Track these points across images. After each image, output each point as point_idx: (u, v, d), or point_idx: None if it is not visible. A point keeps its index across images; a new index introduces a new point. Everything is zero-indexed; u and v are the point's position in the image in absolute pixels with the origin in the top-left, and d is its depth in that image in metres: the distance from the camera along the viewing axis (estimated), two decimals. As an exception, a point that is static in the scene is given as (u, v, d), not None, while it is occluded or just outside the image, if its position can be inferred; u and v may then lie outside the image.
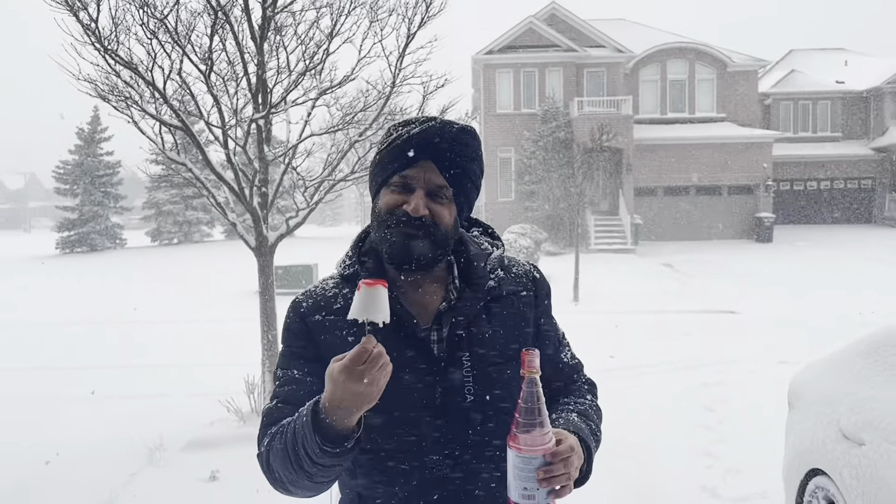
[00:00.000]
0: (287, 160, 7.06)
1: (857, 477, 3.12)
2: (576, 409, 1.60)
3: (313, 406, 1.28)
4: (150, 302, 17.11)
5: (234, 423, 6.56)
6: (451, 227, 1.50)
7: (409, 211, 1.44)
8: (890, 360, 3.28)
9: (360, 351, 1.20)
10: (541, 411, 1.32)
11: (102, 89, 6.28)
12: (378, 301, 1.26)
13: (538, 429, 1.31)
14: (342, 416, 1.25)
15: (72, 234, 34.42)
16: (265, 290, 6.89)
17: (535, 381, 1.33)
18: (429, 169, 1.46)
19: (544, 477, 1.30)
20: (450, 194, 1.48)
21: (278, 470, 1.38)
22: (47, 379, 9.31)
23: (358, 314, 1.26)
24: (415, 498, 1.48)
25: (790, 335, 10.79)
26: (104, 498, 5.04)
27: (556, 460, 1.30)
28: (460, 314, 1.51)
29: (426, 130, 1.46)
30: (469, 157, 1.50)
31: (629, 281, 18.45)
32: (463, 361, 1.49)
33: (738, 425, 6.44)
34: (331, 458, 1.28)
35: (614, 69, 30.43)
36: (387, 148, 1.49)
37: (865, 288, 16.15)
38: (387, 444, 1.46)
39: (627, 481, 5.04)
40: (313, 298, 1.56)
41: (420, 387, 1.46)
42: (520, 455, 1.31)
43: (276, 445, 1.37)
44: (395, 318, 1.43)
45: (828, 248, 25.03)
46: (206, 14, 6.41)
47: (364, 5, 6.69)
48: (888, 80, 33.82)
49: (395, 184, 1.48)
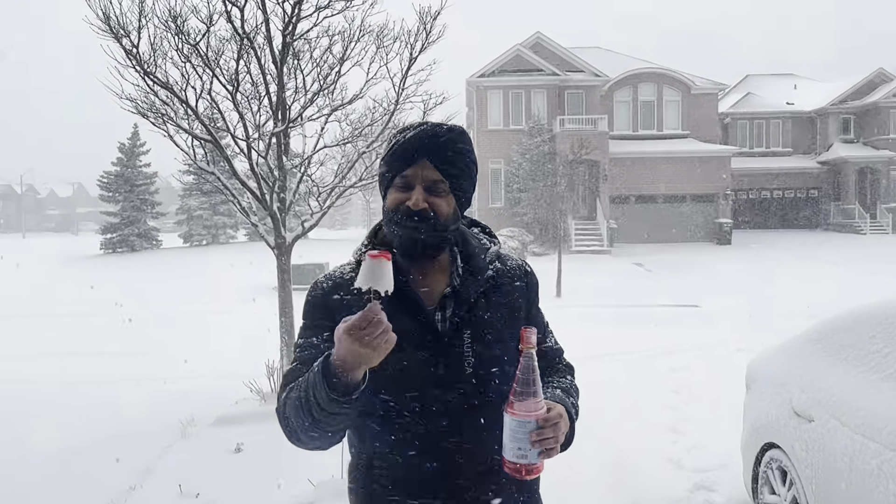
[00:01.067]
0: (303, 169, 7.05)
1: (806, 449, 3.11)
2: (559, 386, 1.63)
3: (324, 359, 1.30)
4: (182, 295, 17.09)
5: (257, 402, 6.54)
6: (450, 216, 1.51)
7: (411, 205, 1.45)
8: (836, 346, 3.27)
9: (363, 315, 1.21)
10: (535, 382, 1.35)
11: (142, 107, 6.28)
12: (382, 272, 1.25)
13: (532, 397, 1.34)
14: (347, 371, 1.26)
15: (114, 237, 34.50)
16: (283, 285, 6.87)
17: (531, 356, 1.35)
18: (425, 167, 1.47)
19: (536, 439, 1.34)
20: (446, 187, 1.49)
21: (292, 418, 1.39)
22: (93, 364, 9.29)
23: (363, 283, 1.25)
24: (419, 458, 1.48)
25: (747, 326, 10.78)
26: (143, 466, 5.03)
27: (547, 425, 1.35)
28: (462, 298, 1.53)
29: (419, 134, 1.48)
30: (459, 153, 1.51)
31: (605, 278, 18.45)
32: (464, 338, 1.50)
33: (701, 405, 6.42)
34: (337, 406, 1.29)
35: (592, 91, 30.48)
36: (388, 153, 1.52)
37: (812, 284, 16.18)
38: (395, 409, 1.47)
39: (602, 456, 5.03)
40: (332, 280, 1.57)
41: (425, 359, 1.47)
42: (515, 419, 1.34)
43: (292, 395, 1.40)
44: (405, 299, 1.47)
45: (779, 250, 25.07)
46: (233, 41, 6.41)
47: (371, 33, 6.68)
48: (832, 102, 33.99)
49: (398, 184, 1.49)
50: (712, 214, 29.54)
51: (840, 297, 9.61)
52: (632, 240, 28.92)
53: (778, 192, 34.45)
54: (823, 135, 34.41)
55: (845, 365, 3.14)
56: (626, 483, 4.59)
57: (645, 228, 29.62)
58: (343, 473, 4.20)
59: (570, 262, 19.57)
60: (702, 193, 29.54)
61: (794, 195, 34.52)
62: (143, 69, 5.91)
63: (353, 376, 1.28)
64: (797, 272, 18.78)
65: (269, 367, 6.79)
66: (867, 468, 2.67)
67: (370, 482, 1.54)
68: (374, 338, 1.22)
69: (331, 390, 1.27)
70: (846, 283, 15.96)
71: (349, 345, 1.22)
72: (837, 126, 34.26)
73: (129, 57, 5.83)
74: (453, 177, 1.50)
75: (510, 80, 29.54)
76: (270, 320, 7.97)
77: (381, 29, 6.67)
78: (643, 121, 31.63)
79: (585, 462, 4.60)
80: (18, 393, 7.62)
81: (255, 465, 4.96)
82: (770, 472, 3.57)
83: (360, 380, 1.29)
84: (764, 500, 3.64)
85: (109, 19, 5.67)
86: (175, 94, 6.16)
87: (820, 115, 34.50)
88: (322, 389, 1.28)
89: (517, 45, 29.94)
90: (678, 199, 29.85)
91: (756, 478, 3.74)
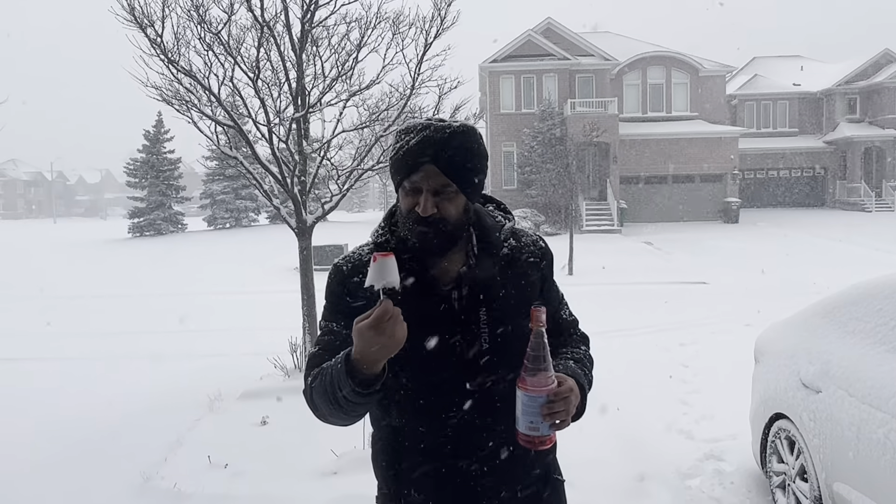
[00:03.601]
0: (322, 153, 7.05)
1: (814, 420, 3.10)
2: (572, 357, 1.63)
3: (346, 357, 1.33)
4: (207, 276, 17.21)
5: (281, 377, 6.60)
6: (460, 217, 1.47)
7: (419, 212, 1.43)
8: (843, 319, 3.25)
9: (382, 312, 1.25)
10: (546, 358, 1.35)
11: (167, 94, 6.29)
12: (388, 269, 1.28)
13: (543, 373, 1.35)
14: (369, 364, 1.30)
15: (141, 221, 34.76)
16: (304, 265, 6.89)
17: (541, 333, 1.36)
18: (430, 172, 1.43)
19: (547, 412, 1.35)
20: (454, 189, 1.45)
21: (320, 405, 1.44)
22: (125, 342, 9.41)
23: (373, 281, 1.28)
24: (438, 430, 1.51)
25: (754, 302, 10.71)
26: (174, 438, 5.10)
27: (557, 399, 1.36)
28: (478, 276, 1.52)
29: (424, 139, 1.43)
30: (466, 152, 1.45)
31: (616, 257, 18.36)
32: (480, 315, 1.50)
33: (710, 378, 6.41)
34: (362, 398, 1.34)
35: (602, 75, 30.17)
36: (394, 155, 1.48)
37: (819, 261, 16.04)
38: (416, 384, 1.49)
39: (614, 426, 5.04)
40: (352, 262, 1.57)
41: (442, 337, 1.47)
42: (527, 394, 1.35)
43: (318, 385, 1.43)
44: (422, 280, 1.49)
45: (786, 227, 24.84)
46: (253, 29, 6.40)
47: (388, 20, 6.64)
48: (838, 83, 33.47)
49: (407, 188, 1.47)
50: (720, 194, 29.27)
51: (846, 273, 9.52)
52: (641, 219, 28.74)
53: (785, 171, 34.07)
54: (830, 115, 33.92)
55: (852, 338, 3.12)
56: (637, 453, 4.59)
57: (654, 208, 29.43)
58: (365, 445, 4.23)
59: (582, 242, 19.49)
60: (710, 173, 29.27)
61: (801, 174, 34.14)
62: (168, 58, 5.92)
63: (374, 369, 1.31)
64: (804, 249, 18.62)
65: (292, 344, 6.84)
66: (874, 437, 2.66)
67: (392, 452, 1.57)
68: (393, 329, 1.26)
69: (355, 384, 1.32)
70: (852, 260, 15.82)
71: (369, 339, 1.26)
72: (843, 106, 33.76)
73: (153, 46, 5.84)
74: (461, 177, 1.45)
75: (522, 64, 29.28)
76: (293, 299, 8.01)
77: (397, 16, 6.63)
78: (652, 103, 31.31)
79: (596, 433, 4.61)
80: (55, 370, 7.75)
81: (280, 436, 5.02)
82: (778, 442, 3.56)
83: (380, 371, 1.33)
84: (772, 469, 3.65)
85: (134, 10, 5.68)
86: (198, 82, 6.17)
87: (826, 96, 34.00)
88: (346, 385, 1.32)
89: (528, 31, 29.66)
90: (687, 180, 29.59)
91: (764, 447, 3.74)
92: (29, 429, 5.61)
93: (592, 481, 3.94)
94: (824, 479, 3.00)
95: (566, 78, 29.58)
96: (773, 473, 3.64)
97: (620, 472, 4.26)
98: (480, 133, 1.54)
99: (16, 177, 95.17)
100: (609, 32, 34.84)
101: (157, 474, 4.41)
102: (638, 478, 4.16)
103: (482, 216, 1.59)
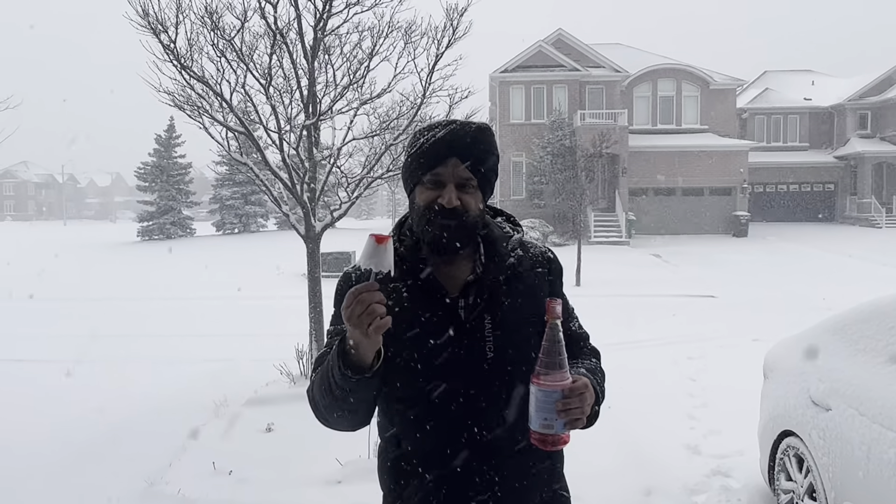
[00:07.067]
0: (332, 161, 7.07)
1: (824, 437, 3.07)
2: (584, 367, 1.61)
3: (340, 339, 1.35)
4: (215, 281, 17.23)
5: (287, 384, 6.59)
6: (478, 213, 1.51)
7: (444, 203, 1.45)
8: (854, 337, 3.22)
9: (365, 286, 1.27)
10: (560, 352, 1.32)
11: (179, 100, 6.33)
12: (382, 253, 1.29)
13: (558, 368, 1.32)
14: (357, 350, 1.31)
15: (150, 224, 34.95)
16: (312, 272, 6.90)
17: (556, 327, 1.33)
18: (455, 165, 1.47)
19: (562, 409, 1.31)
20: (475, 184, 1.50)
21: (317, 396, 1.46)
22: (129, 345, 9.42)
23: (370, 264, 1.29)
24: (444, 438, 1.49)
25: (763, 316, 10.66)
26: (179, 444, 5.09)
27: (572, 395, 1.33)
28: (484, 285, 1.52)
29: (450, 133, 1.48)
30: (487, 151, 1.51)
31: (624, 268, 18.34)
32: (485, 324, 1.50)
33: (718, 393, 6.36)
34: (350, 384, 1.34)
35: (612, 86, 30.22)
36: (417, 150, 1.50)
37: (828, 276, 15.95)
38: (420, 393, 1.48)
39: (621, 439, 5.00)
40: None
41: (448, 344, 1.47)
42: (542, 389, 1.31)
43: (317, 377, 1.46)
44: (429, 287, 1.49)
45: (796, 242, 24.74)
46: (266, 36, 6.44)
47: (399, 29, 6.67)
48: (849, 98, 33.40)
49: (429, 181, 1.49)
50: (729, 207, 29.19)
51: (855, 289, 9.46)
52: (650, 231, 28.67)
53: (794, 185, 33.99)
54: (840, 130, 33.83)
55: (863, 355, 3.09)
56: (644, 468, 4.56)
57: (663, 221, 29.34)
58: (370, 454, 4.22)
59: (590, 253, 19.44)
60: (719, 187, 29.22)
61: (811, 189, 34.05)
62: (181, 63, 5.95)
63: (365, 357, 1.32)
64: (813, 264, 18.53)
65: (298, 350, 6.83)
66: (885, 457, 2.63)
67: (397, 461, 1.56)
68: (356, 316, 1.26)
69: (344, 367, 1.32)
70: (861, 276, 15.72)
71: (349, 309, 1.27)
72: (854, 121, 33.66)
73: (166, 52, 5.88)
74: (481, 174, 1.50)
75: (532, 75, 29.35)
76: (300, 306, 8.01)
77: (409, 25, 6.67)
78: (662, 115, 31.30)
79: (603, 446, 4.58)
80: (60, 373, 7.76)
81: (286, 444, 5.00)
82: (787, 460, 3.53)
83: (370, 360, 1.33)
84: (781, 487, 3.61)
85: (148, 15, 5.72)
86: (211, 88, 6.21)
87: (837, 111, 33.92)
88: (336, 368, 1.33)
89: (539, 42, 29.75)
90: (696, 192, 29.55)
91: (773, 465, 3.70)
92: (32, 431, 5.60)
93: (598, 495, 3.92)
94: (833, 499, 2.97)
95: (576, 89, 29.61)
96: (781, 491, 3.61)
97: (627, 486, 4.23)
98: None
99: (27, 178, 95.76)
100: (620, 44, 34.86)
101: (162, 479, 4.40)
102: (644, 492, 4.13)
103: (491, 226, 1.60)
